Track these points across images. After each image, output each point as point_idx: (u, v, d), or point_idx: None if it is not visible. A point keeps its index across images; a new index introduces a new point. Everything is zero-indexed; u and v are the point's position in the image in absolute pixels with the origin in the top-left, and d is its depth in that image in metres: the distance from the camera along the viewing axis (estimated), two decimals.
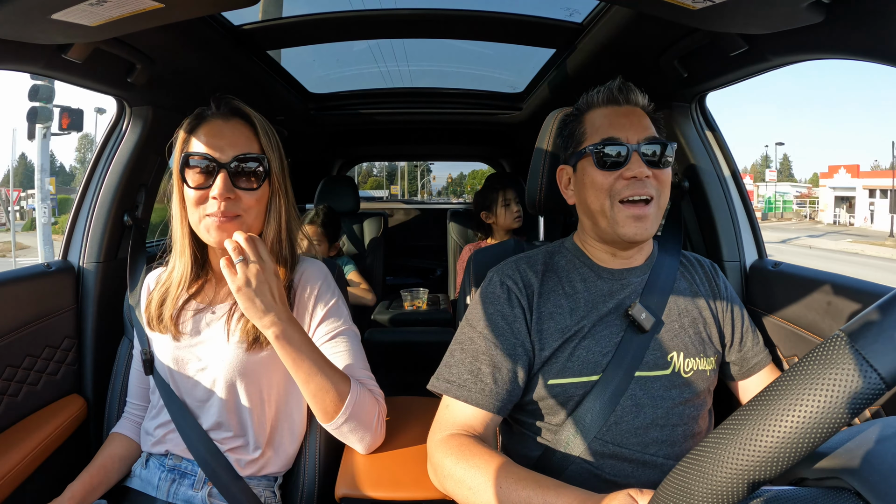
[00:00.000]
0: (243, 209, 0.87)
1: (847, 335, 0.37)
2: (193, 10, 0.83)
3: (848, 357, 0.36)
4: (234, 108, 0.90)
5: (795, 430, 0.36)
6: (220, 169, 0.84)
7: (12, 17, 0.73)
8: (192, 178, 0.86)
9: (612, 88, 0.87)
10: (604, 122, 0.86)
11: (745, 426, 0.39)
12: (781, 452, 0.37)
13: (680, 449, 0.81)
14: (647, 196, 0.82)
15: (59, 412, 1.14)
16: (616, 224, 0.83)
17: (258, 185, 0.88)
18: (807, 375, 0.37)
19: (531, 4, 1.35)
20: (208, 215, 0.85)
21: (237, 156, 0.86)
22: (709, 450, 0.40)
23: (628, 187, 0.81)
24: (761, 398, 0.39)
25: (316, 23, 1.41)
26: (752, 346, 0.92)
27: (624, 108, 0.86)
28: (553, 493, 0.64)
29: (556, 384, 0.82)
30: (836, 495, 0.41)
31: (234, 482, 0.89)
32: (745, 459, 0.38)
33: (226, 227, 0.85)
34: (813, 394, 0.36)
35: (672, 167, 0.91)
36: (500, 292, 0.87)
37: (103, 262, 1.28)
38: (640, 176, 0.81)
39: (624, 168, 0.82)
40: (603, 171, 0.83)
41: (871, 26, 0.70)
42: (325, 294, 0.95)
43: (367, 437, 0.89)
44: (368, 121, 2.42)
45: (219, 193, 0.83)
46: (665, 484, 0.44)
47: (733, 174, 1.29)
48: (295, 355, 0.82)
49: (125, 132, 1.30)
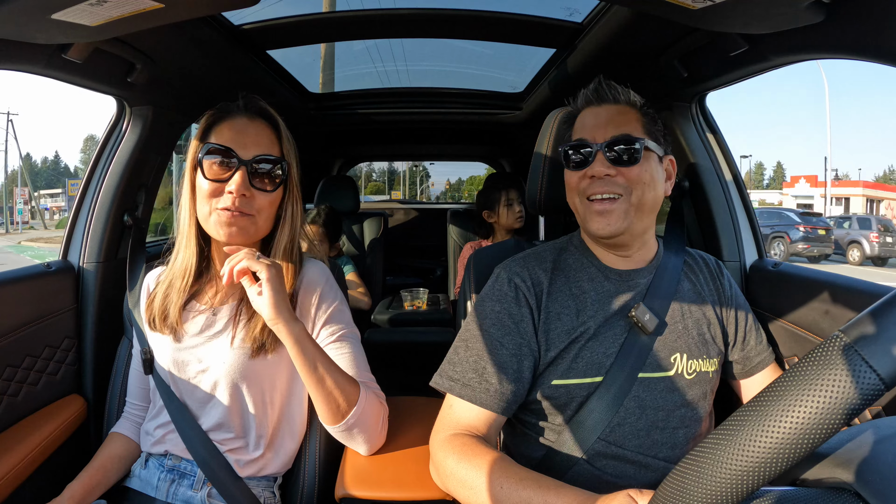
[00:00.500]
0: (256, 209, 0.87)
1: (846, 336, 0.37)
2: (193, 10, 0.83)
3: (846, 358, 0.36)
4: (260, 108, 0.91)
5: (794, 431, 0.36)
6: (240, 165, 0.85)
7: (12, 17, 0.73)
8: (209, 170, 0.85)
9: (588, 91, 0.90)
10: (579, 125, 0.90)
11: (744, 427, 0.39)
12: (780, 453, 0.37)
13: (682, 451, 0.81)
14: (612, 194, 0.83)
15: (59, 412, 1.14)
16: (585, 221, 0.86)
17: (274, 187, 0.88)
18: (805, 376, 0.37)
19: (531, 4, 1.35)
20: (220, 209, 0.85)
21: (258, 155, 0.86)
22: (708, 450, 0.40)
23: (591, 186, 0.84)
24: (760, 399, 0.39)
25: (316, 23, 1.41)
26: (755, 346, 0.92)
27: (600, 107, 0.89)
28: (553, 494, 0.64)
29: (560, 385, 0.82)
30: (836, 496, 0.41)
31: (234, 483, 0.89)
32: (744, 460, 0.38)
33: (236, 225, 0.85)
34: (812, 395, 0.36)
35: (673, 166, 0.91)
36: (508, 290, 0.87)
37: (103, 262, 1.28)
38: (598, 175, 0.83)
39: (587, 167, 0.85)
40: (571, 170, 0.88)
41: (871, 26, 0.70)
42: (327, 296, 0.95)
43: (371, 439, 0.89)
44: (368, 121, 2.42)
45: (236, 188, 0.83)
46: (665, 484, 0.44)
47: (733, 174, 1.29)
48: (312, 356, 0.82)
49: (125, 132, 1.30)
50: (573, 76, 1.57)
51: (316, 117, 2.23)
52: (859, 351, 0.36)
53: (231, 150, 0.85)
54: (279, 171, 0.88)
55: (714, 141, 1.30)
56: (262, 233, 0.90)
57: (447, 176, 43.70)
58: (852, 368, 0.35)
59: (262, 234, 0.91)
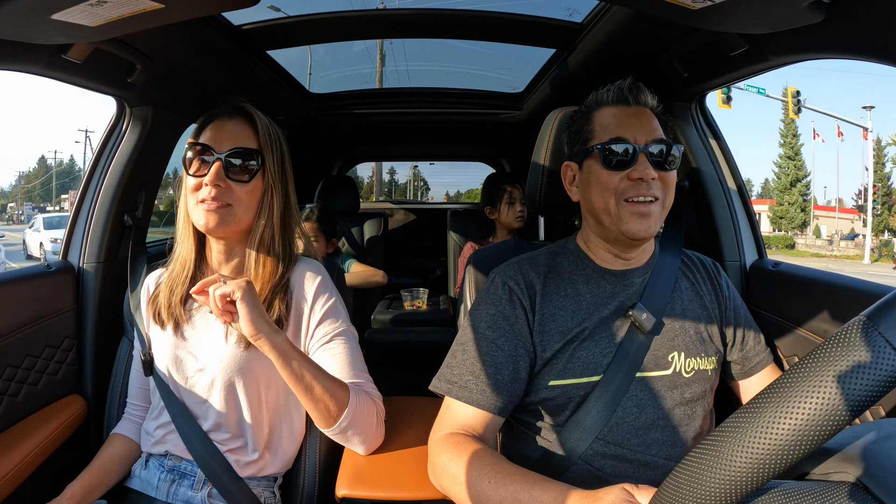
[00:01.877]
0: (234, 200, 0.90)
1: (868, 319, 0.37)
2: (193, 10, 0.83)
3: (870, 340, 0.36)
4: (238, 107, 0.95)
5: (819, 413, 0.36)
6: (215, 159, 0.89)
7: (12, 17, 0.73)
8: (191, 167, 0.91)
9: (622, 88, 0.87)
10: (612, 121, 0.85)
11: (765, 409, 0.38)
12: (804, 436, 0.36)
13: (681, 450, 0.81)
14: (652, 197, 0.81)
15: (59, 412, 1.14)
16: (620, 221, 0.82)
17: (250, 178, 0.91)
18: (828, 359, 0.37)
19: (531, 4, 1.36)
20: (201, 201, 0.89)
21: (233, 148, 0.90)
22: (728, 434, 0.39)
23: (633, 188, 0.81)
24: (780, 384, 0.38)
25: (316, 23, 1.41)
26: (754, 346, 0.92)
27: (633, 108, 0.86)
28: (539, 488, 0.64)
29: (557, 385, 0.82)
30: (844, 489, 0.41)
31: (234, 483, 0.89)
32: (767, 442, 0.37)
33: (215, 214, 0.88)
34: (835, 377, 0.36)
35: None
36: (503, 293, 0.87)
37: (103, 262, 1.28)
38: (645, 178, 0.80)
39: (630, 168, 0.82)
40: (609, 170, 0.83)
41: (871, 26, 0.70)
42: (322, 295, 0.95)
43: (367, 439, 0.90)
44: (368, 120, 2.42)
45: (210, 180, 0.88)
46: (675, 474, 0.43)
47: (733, 174, 1.29)
48: (297, 367, 0.83)
49: (125, 132, 1.30)
50: (573, 76, 1.57)
51: (316, 117, 2.23)
52: (883, 333, 0.36)
53: (208, 146, 0.90)
54: (253, 163, 0.91)
55: (714, 141, 1.30)
56: (242, 224, 0.92)
57: (446, 188, 43.98)
58: (876, 350, 0.35)
59: (244, 225, 0.93)
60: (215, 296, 0.80)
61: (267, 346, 0.81)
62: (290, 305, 0.93)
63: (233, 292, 0.79)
